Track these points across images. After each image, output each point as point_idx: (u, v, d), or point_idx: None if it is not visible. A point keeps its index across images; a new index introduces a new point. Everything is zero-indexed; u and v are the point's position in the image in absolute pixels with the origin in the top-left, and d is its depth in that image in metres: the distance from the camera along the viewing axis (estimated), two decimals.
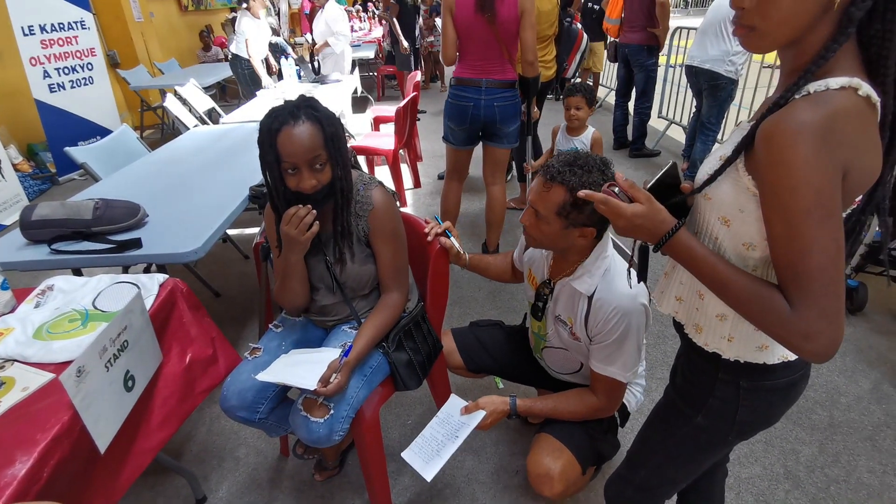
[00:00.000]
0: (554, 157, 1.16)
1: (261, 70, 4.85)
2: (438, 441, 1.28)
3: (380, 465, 1.46)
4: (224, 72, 6.05)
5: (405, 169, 4.12)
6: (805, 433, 1.77)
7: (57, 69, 4.36)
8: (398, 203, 1.44)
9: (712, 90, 3.51)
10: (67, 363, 1.07)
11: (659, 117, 4.99)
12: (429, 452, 1.26)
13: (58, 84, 4.38)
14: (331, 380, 1.20)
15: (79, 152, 2.43)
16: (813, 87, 0.66)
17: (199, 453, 1.77)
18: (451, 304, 2.47)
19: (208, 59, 7.75)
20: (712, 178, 0.78)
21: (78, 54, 4.53)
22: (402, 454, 1.27)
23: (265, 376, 1.23)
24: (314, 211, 1.22)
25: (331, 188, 1.23)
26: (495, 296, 2.62)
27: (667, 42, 4.33)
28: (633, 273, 1.03)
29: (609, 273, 1.21)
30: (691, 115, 4.21)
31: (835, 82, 0.64)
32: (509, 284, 2.09)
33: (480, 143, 2.68)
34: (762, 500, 1.54)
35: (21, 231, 1.62)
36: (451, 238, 1.47)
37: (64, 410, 0.96)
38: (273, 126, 1.16)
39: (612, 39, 4.59)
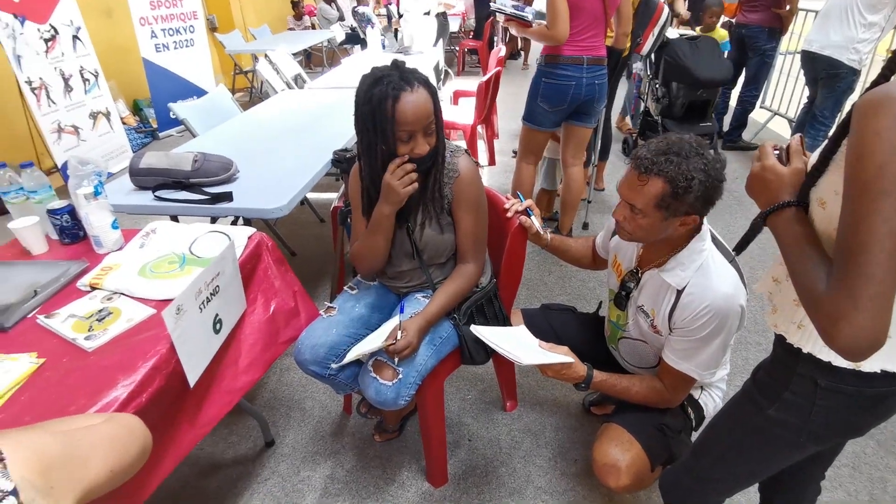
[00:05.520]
0: (643, 147, 1.08)
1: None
2: (513, 344, 1.17)
3: (440, 434, 1.48)
4: (312, 39, 6.21)
5: (481, 146, 4.07)
6: None
7: (163, 30, 4.64)
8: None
9: (830, 80, 3.17)
10: (166, 301, 1.15)
11: (761, 107, 4.58)
12: (508, 342, 1.16)
13: (163, 44, 4.67)
14: (397, 336, 1.21)
15: (181, 109, 2.59)
16: None
17: (269, 400, 1.87)
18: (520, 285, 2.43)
19: (298, 27, 7.98)
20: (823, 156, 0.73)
21: (182, 17, 4.80)
22: (473, 327, 1.20)
23: (345, 359, 1.28)
24: (417, 168, 1.22)
25: (435, 153, 1.24)
26: (565, 280, 2.55)
27: None
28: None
29: (705, 268, 1.13)
30: (800, 107, 3.83)
31: None
32: (582, 270, 2.02)
33: None
34: None
35: (130, 177, 1.75)
36: (532, 217, 1.43)
37: (162, 343, 1.03)
38: (389, 93, 1.13)
39: (728, 19, 4.22)
